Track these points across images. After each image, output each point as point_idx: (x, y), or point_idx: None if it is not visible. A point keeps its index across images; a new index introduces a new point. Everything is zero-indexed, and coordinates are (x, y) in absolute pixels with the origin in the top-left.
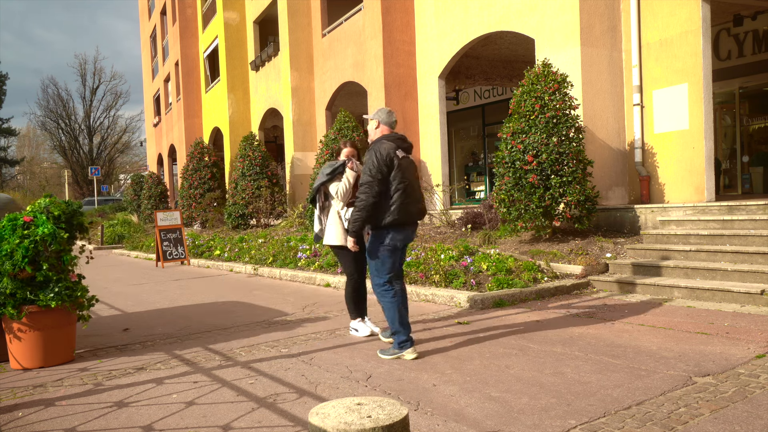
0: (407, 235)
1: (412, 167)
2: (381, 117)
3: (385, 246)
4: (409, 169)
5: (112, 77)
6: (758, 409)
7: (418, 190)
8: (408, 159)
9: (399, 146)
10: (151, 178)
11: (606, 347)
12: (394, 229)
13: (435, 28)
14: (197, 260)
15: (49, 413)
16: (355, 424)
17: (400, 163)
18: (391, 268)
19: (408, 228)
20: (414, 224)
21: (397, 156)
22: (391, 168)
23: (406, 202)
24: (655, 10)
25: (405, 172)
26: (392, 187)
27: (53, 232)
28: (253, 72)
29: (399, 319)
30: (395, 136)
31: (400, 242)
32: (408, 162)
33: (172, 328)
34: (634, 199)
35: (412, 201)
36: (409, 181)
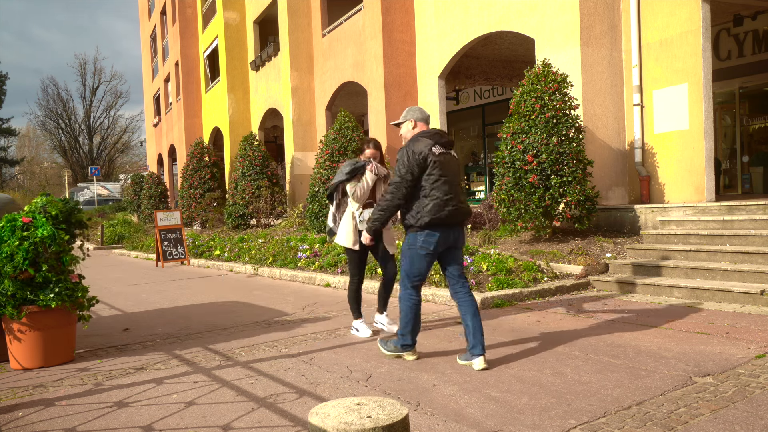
0: (445, 238)
1: (453, 163)
2: (414, 115)
3: (416, 248)
4: (449, 166)
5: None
6: (758, 409)
7: (458, 189)
8: (448, 155)
9: (436, 142)
10: (151, 178)
11: (606, 347)
12: (429, 230)
13: (435, 28)
14: (197, 260)
15: (49, 413)
16: (355, 424)
17: (437, 160)
18: (419, 272)
19: (446, 230)
20: (454, 226)
21: (432, 153)
22: (424, 167)
23: (444, 201)
24: (655, 10)
25: (444, 168)
26: (427, 185)
27: (53, 233)
28: (253, 72)
29: (411, 327)
30: (432, 131)
31: (434, 246)
32: (448, 158)
33: (172, 328)
34: (634, 199)
35: (451, 200)
36: (449, 179)
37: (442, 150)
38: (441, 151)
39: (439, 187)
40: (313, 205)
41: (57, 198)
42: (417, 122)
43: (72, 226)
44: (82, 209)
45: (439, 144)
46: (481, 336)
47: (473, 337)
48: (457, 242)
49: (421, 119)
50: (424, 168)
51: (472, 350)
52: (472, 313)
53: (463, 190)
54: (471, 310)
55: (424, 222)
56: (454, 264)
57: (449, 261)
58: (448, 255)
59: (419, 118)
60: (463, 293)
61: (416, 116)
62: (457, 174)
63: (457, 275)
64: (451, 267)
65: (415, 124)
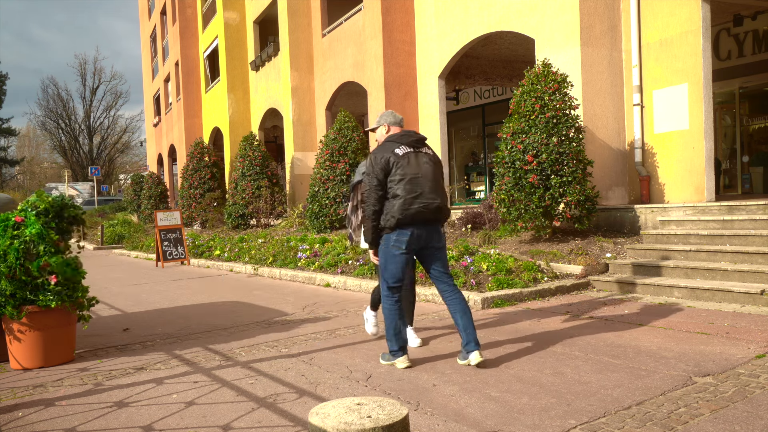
0: (418, 237)
1: (423, 161)
2: (387, 119)
3: (389, 248)
4: (416, 164)
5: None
6: (758, 409)
7: (430, 186)
8: (416, 153)
9: (401, 143)
10: (151, 178)
11: (606, 347)
12: (397, 231)
13: (435, 28)
14: (197, 260)
15: (49, 413)
16: (355, 424)
17: (400, 161)
18: (393, 274)
19: (419, 228)
20: (427, 224)
21: (395, 154)
22: (387, 170)
23: (409, 199)
24: (655, 10)
25: (408, 167)
26: (393, 186)
27: (40, 231)
28: (253, 72)
29: (393, 329)
30: (400, 133)
31: (406, 245)
32: (414, 156)
33: (172, 328)
34: (634, 199)
35: (417, 198)
36: (414, 176)
37: (408, 150)
38: (406, 151)
39: (402, 187)
40: (313, 205)
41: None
42: (390, 126)
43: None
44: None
45: (405, 144)
46: (473, 331)
47: (465, 334)
48: (432, 241)
49: (393, 123)
50: (387, 171)
51: (466, 347)
52: (461, 311)
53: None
54: (459, 307)
55: (392, 223)
56: (436, 264)
57: (430, 261)
58: (427, 255)
59: (392, 122)
60: (449, 292)
61: (389, 120)
62: (430, 171)
63: (442, 275)
64: (433, 268)
65: (388, 129)
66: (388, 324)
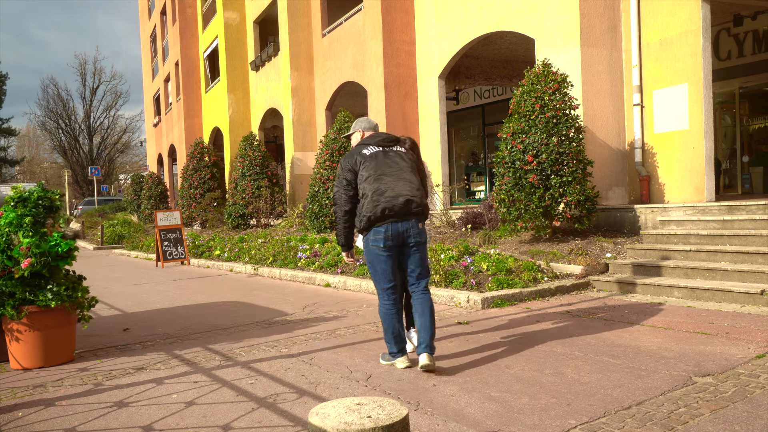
0: (394, 232)
1: (393, 158)
2: (361, 125)
3: (370, 248)
4: (384, 161)
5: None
6: (758, 409)
7: (398, 181)
8: (385, 151)
9: (369, 144)
10: (151, 178)
11: (606, 347)
12: (372, 229)
13: (435, 28)
14: (197, 260)
15: (49, 413)
16: (355, 424)
17: (366, 160)
18: (381, 274)
19: (393, 224)
20: (395, 220)
21: (362, 154)
22: (355, 170)
23: (375, 197)
24: (655, 10)
25: (374, 166)
26: (360, 186)
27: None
28: (253, 72)
29: (391, 332)
30: (371, 136)
31: (383, 241)
32: (383, 154)
33: (172, 328)
34: (634, 199)
35: (384, 194)
36: (381, 174)
37: (377, 149)
38: (373, 150)
39: (369, 185)
40: (313, 205)
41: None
42: (364, 131)
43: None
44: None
45: (373, 144)
46: (427, 335)
47: (419, 334)
48: (410, 237)
49: (367, 128)
50: (355, 171)
51: (417, 348)
52: (420, 312)
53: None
54: (420, 309)
55: (365, 222)
56: (411, 261)
57: (406, 258)
58: (405, 252)
59: (366, 127)
60: (418, 292)
61: (363, 126)
62: (400, 167)
63: (416, 275)
64: (408, 266)
65: (362, 134)
66: (385, 327)
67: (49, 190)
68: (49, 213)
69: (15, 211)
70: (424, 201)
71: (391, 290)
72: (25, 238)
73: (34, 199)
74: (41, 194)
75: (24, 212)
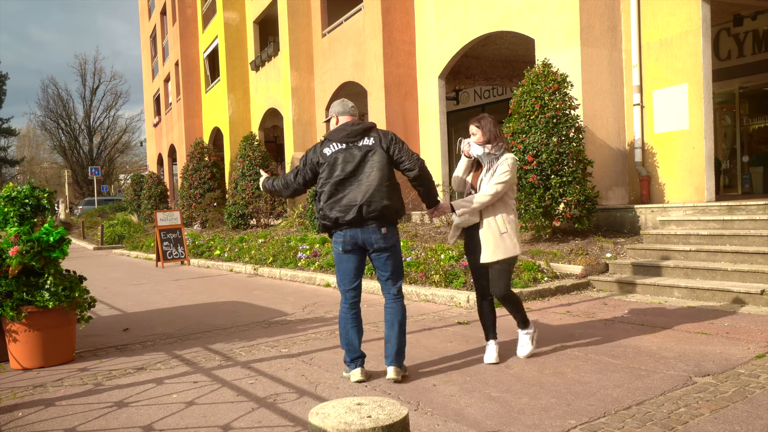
0: (353, 237)
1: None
2: (335, 109)
3: (334, 248)
4: (344, 163)
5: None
6: (758, 409)
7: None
8: (346, 150)
9: (333, 140)
10: (151, 178)
11: (606, 347)
12: (333, 232)
13: (435, 28)
14: (197, 260)
15: (49, 413)
16: (355, 424)
17: (325, 162)
18: (341, 275)
19: (346, 230)
20: (348, 226)
21: (323, 155)
22: (316, 171)
23: (329, 204)
24: (655, 10)
25: (333, 169)
26: (318, 188)
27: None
28: (253, 72)
29: (344, 339)
30: (335, 129)
31: (342, 245)
32: (344, 154)
33: (172, 328)
34: (634, 199)
35: (339, 202)
36: (337, 179)
37: (339, 147)
38: (335, 149)
39: (325, 191)
40: (313, 205)
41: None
42: (338, 116)
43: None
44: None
45: (336, 141)
46: (394, 347)
47: (386, 346)
48: (372, 242)
49: (341, 113)
50: (316, 172)
51: (385, 360)
52: (390, 322)
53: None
54: (389, 318)
55: (321, 226)
56: (378, 267)
57: (374, 264)
58: (372, 257)
59: (339, 111)
60: (385, 294)
61: (336, 110)
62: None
63: (384, 279)
64: (377, 271)
65: (337, 120)
66: (339, 332)
67: (37, 188)
68: (37, 211)
69: (2, 209)
70: (385, 202)
71: (351, 292)
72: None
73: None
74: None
75: (10, 209)
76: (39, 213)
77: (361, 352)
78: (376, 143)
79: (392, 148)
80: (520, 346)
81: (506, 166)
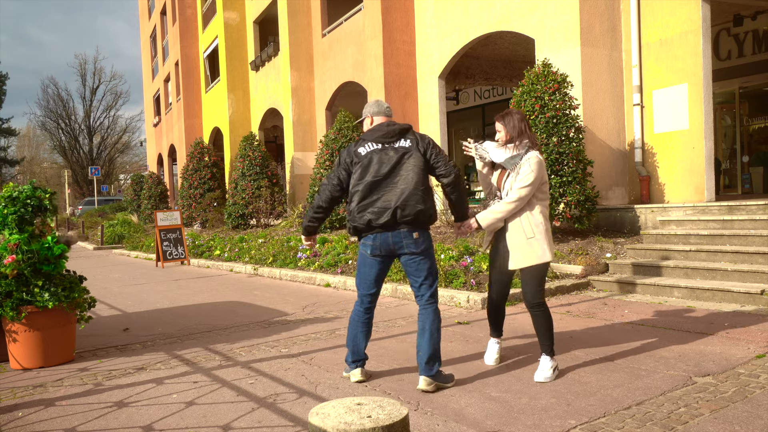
0: (383, 242)
1: (390, 159)
2: (370, 110)
3: (360, 250)
4: (378, 164)
5: (112, 77)
6: (758, 409)
7: (390, 188)
8: (381, 150)
9: (368, 140)
10: (151, 178)
11: (606, 347)
12: (362, 235)
13: (435, 28)
14: (197, 260)
15: (49, 413)
16: (355, 424)
17: (360, 162)
18: (362, 279)
19: (377, 234)
20: (381, 229)
21: (357, 154)
22: (349, 171)
23: (362, 206)
24: (655, 10)
25: (368, 170)
26: (351, 189)
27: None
28: (253, 72)
29: (350, 340)
30: (371, 129)
31: (371, 249)
32: (379, 155)
33: (172, 328)
34: (634, 199)
35: (371, 205)
36: (371, 180)
37: (374, 147)
38: (370, 149)
39: (358, 192)
40: None
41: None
42: (372, 117)
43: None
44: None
45: (372, 141)
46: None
47: (418, 356)
48: (402, 247)
49: (376, 113)
50: (349, 171)
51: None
52: (420, 330)
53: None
54: (420, 324)
55: (351, 231)
56: (410, 273)
57: (405, 269)
58: (403, 262)
59: (374, 111)
60: (418, 300)
61: (371, 111)
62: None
63: (417, 284)
64: (409, 277)
65: (371, 120)
66: (348, 332)
67: (39, 188)
68: (38, 212)
69: (2, 210)
70: (420, 207)
71: (368, 297)
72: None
73: (23, 198)
74: (30, 193)
75: (10, 211)
76: (40, 214)
77: (365, 355)
78: (413, 146)
79: (429, 152)
80: (540, 371)
81: (529, 166)
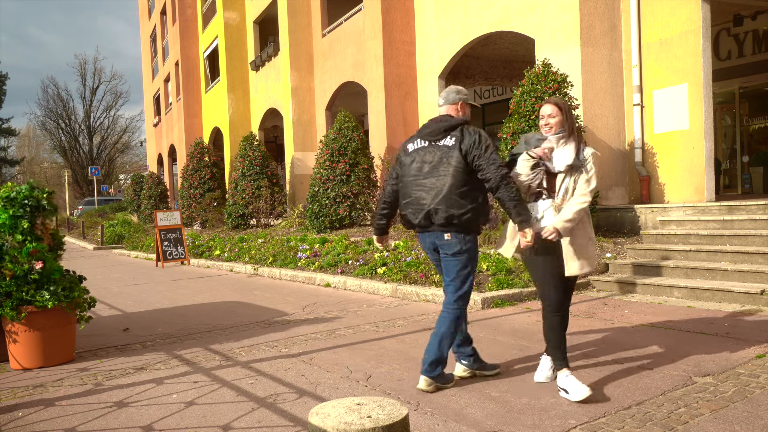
0: (423, 240)
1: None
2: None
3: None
4: (421, 163)
5: (112, 77)
6: (758, 409)
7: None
8: (427, 147)
9: (419, 135)
10: (151, 178)
11: (605, 347)
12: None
13: (435, 28)
14: (197, 260)
15: (49, 413)
16: (355, 424)
17: (404, 160)
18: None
19: (421, 233)
20: (418, 228)
21: (405, 150)
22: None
23: (403, 203)
24: (655, 10)
25: (409, 168)
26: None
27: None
28: (253, 72)
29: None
30: (428, 122)
31: (421, 244)
32: (423, 152)
33: (172, 328)
34: (634, 199)
35: (408, 204)
36: (411, 178)
37: (422, 144)
38: (416, 147)
39: (401, 188)
40: (313, 205)
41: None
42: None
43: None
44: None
45: (420, 138)
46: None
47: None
48: (437, 245)
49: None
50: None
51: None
52: (434, 330)
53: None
54: (436, 325)
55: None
56: (441, 271)
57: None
58: (441, 259)
59: (443, 101)
60: (443, 305)
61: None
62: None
63: (445, 285)
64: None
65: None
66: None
67: (37, 188)
68: (36, 213)
69: (6, 212)
70: (452, 211)
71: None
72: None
73: (20, 199)
74: (27, 194)
75: (16, 213)
76: (39, 215)
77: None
78: (456, 144)
79: (472, 152)
80: (540, 371)
81: (592, 163)
